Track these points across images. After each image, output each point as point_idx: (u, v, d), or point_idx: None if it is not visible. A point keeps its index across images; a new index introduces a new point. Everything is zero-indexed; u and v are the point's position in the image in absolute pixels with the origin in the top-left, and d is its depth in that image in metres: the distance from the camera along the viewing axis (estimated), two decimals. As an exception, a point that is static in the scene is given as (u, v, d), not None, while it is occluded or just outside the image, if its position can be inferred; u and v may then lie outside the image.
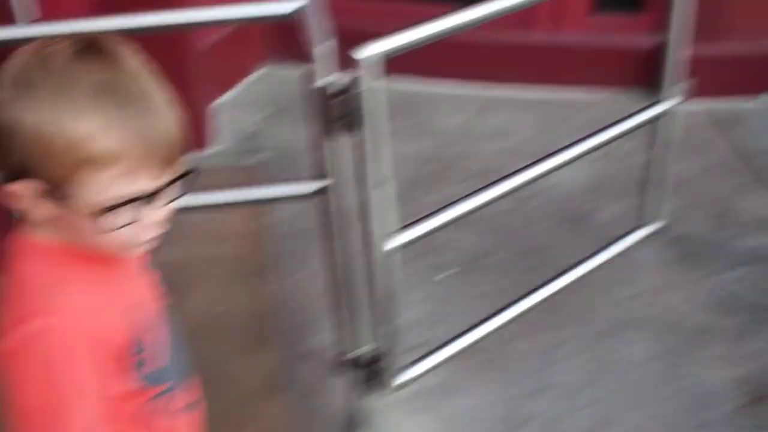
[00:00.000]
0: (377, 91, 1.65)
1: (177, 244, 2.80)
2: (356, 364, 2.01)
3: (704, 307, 2.59)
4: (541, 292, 2.35)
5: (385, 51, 1.67)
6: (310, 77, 1.70)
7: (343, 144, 1.77)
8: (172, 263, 2.72)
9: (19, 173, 0.94)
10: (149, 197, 0.96)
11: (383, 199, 1.77)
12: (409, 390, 2.22)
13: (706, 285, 2.68)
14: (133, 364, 1.05)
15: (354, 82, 1.63)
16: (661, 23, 2.31)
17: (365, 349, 2.01)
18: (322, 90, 1.68)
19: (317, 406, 2.25)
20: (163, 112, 0.96)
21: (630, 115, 2.34)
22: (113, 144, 0.91)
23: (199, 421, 1.26)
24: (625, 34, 3.70)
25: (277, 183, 3.11)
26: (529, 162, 2.11)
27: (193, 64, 3.18)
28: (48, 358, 0.96)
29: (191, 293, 2.60)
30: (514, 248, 2.82)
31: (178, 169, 0.99)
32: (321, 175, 1.84)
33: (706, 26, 3.56)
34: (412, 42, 1.73)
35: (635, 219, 2.65)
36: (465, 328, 2.17)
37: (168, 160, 0.96)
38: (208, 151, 3.29)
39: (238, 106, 3.63)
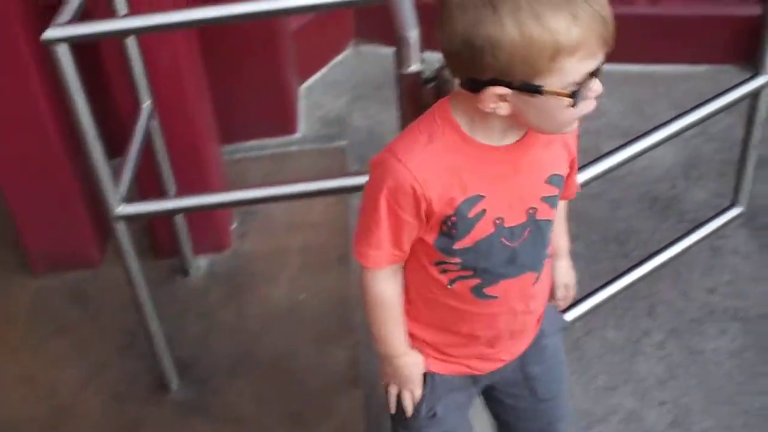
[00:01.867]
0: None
1: (261, 234, 2.87)
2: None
3: (799, 297, 2.51)
4: (628, 278, 2.31)
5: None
6: (399, 62, 1.65)
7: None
8: (256, 254, 2.79)
9: (493, 79, 1.16)
10: (595, 73, 1.17)
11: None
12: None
13: (801, 273, 2.59)
14: (443, 230, 1.30)
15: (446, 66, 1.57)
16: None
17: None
18: (413, 76, 1.63)
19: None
20: (601, 1, 1.14)
21: (726, 90, 2.24)
22: (578, 32, 1.11)
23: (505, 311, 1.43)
24: (727, 4, 3.55)
25: (362, 166, 3.15)
26: (621, 143, 2.05)
27: (283, 47, 3.21)
28: (378, 181, 1.28)
29: (274, 283, 2.65)
30: (601, 233, 2.77)
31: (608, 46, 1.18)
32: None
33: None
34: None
35: (729, 201, 2.57)
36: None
37: (608, 40, 1.16)
38: (295, 136, 3.34)
39: (326, 88, 3.66)
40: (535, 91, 1.15)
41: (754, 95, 2.25)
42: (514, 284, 1.38)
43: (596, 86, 1.19)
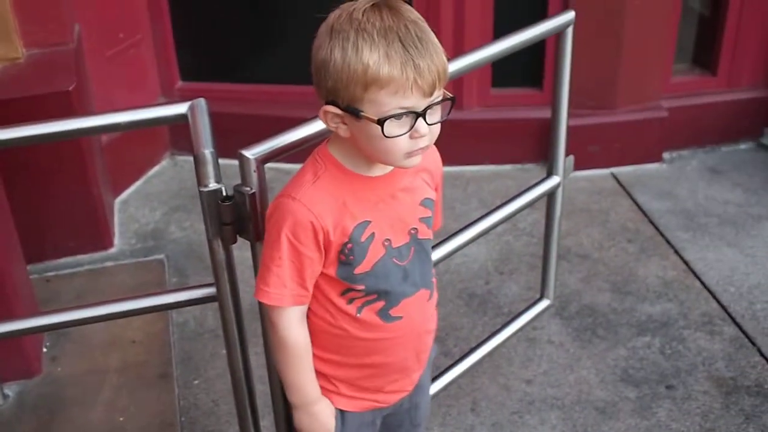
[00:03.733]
0: (267, 191, 1.63)
1: (75, 355, 2.73)
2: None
3: (609, 380, 2.63)
4: (449, 375, 2.34)
5: (279, 147, 1.63)
6: (198, 179, 1.66)
7: (238, 245, 1.75)
8: (70, 377, 2.65)
9: (329, 99, 1.36)
10: (418, 114, 1.33)
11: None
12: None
13: (610, 357, 2.72)
14: (341, 260, 1.44)
15: (243, 184, 1.60)
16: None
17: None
18: (212, 193, 1.65)
19: None
20: (429, 50, 1.31)
21: (526, 190, 2.37)
22: (388, 70, 1.29)
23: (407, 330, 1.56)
24: (526, 108, 3.79)
25: (182, 278, 3.10)
26: (435, 242, 2.11)
27: (94, 161, 3.14)
28: (278, 222, 1.42)
29: (90, 407, 2.52)
30: (422, 332, 2.81)
31: (440, 95, 1.36)
32: (215, 280, 1.82)
33: (603, 96, 3.70)
34: (305, 137, 1.67)
35: (539, 294, 2.68)
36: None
37: (430, 87, 1.32)
38: (111, 251, 3.24)
39: (142, 201, 3.60)
40: (355, 113, 1.34)
41: (550, 194, 2.39)
42: (413, 302, 1.54)
43: (421, 127, 1.35)
